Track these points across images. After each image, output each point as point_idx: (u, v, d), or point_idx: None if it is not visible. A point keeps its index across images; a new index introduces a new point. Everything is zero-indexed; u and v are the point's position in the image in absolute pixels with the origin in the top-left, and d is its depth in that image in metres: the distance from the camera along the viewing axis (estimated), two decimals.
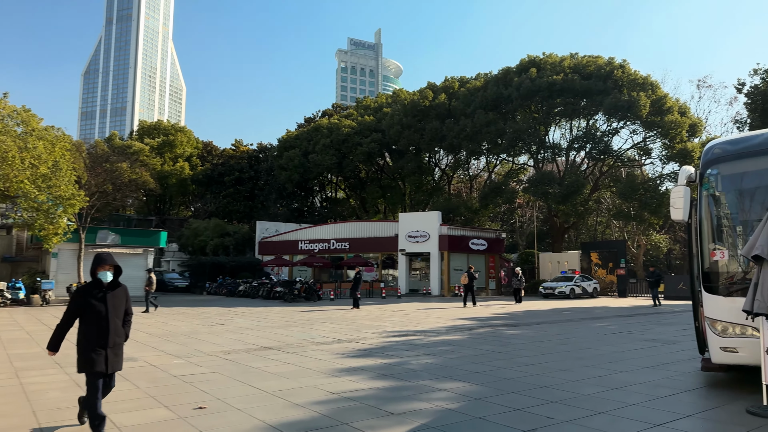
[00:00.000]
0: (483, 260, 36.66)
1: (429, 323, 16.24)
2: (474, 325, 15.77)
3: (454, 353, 10.24)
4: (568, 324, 15.93)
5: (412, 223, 35.11)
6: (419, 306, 24.37)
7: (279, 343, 11.75)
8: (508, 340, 12.24)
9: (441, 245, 34.14)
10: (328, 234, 38.85)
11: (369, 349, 10.79)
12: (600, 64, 39.84)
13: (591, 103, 38.14)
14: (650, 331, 14.11)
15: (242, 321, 17.27)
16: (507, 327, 15.10)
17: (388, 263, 38.17)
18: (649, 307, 23.62)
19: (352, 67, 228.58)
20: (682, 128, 37.67)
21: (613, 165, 42.42)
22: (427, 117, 43.17)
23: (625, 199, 39.36)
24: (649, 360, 9.43)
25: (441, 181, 50.08)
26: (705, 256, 7.18)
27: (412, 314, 19.59)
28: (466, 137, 40.05)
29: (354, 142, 44.56)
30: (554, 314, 19.68)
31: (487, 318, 18.05)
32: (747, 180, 7.18)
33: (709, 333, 7.08)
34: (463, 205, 43.64)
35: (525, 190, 41.80)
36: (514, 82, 39.65)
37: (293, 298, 27.00)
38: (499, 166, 49.33)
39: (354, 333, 13.64)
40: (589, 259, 38.44)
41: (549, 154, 42.39)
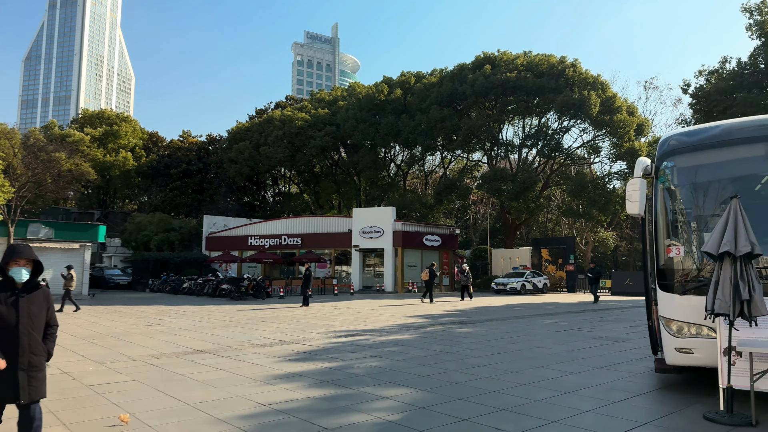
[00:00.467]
0: (437, 256, 36.43)
1: (379, 322, 15.68)
2: (425, 323, 15.31)
3: (401, 355, 9.68)
4: (519, 321, 15.68)
5: (366, 219, 34.50)
6: (371, 303, 23.80)
7: (215, 346, 10.91)
8: (458, 339, 11.80)
9: (395, 241, 33.68)
10: (280, 229, 37.77)
11: (311, 352, 10.11)
12: (552, 63, 40.25)
13: (543, 101, 38.48)
14: (600, 328, 13.98)
15: (180, 321, 16.24)
16: (458, 325, 14.70)
17: (341, 259, 37.44)
18: (599, 303, 23.82)
19: (309, 60, 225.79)
20: (630, 127, 38.48)
21: (563, 163, 43.03)
22: (383, 111, 42.63)
23: (574, 197, 39.95)
24: (601, 359, 9.13)
25: (396, 176, 49.65)
26: (660, 252, 6.85)
27: (362, 312, 18.99)
28: (421, 133, 39.72)
29: (307, 136, 43.52)
30: (505, 311, 19.48)
31: (438, 315, 17.64)
32: (704, 173, 6.89)
33: (663, 333, 6.76)
34: (417, 201, 43.35)
35: (479, 187, 41.87)
36: (468, 79, 39.56)
37: (240, 296, 25.94)
38: (454, 162, 49.38)
39: (298, 333, 12.91)
40: (540, 255, 38.87)
41: (502, 152, 42.61)
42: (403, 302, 24.34)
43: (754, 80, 26.64)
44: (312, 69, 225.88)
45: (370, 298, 27.37)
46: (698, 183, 6.88)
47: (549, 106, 38.68)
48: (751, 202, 6.38)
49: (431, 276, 24.94)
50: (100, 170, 49.67)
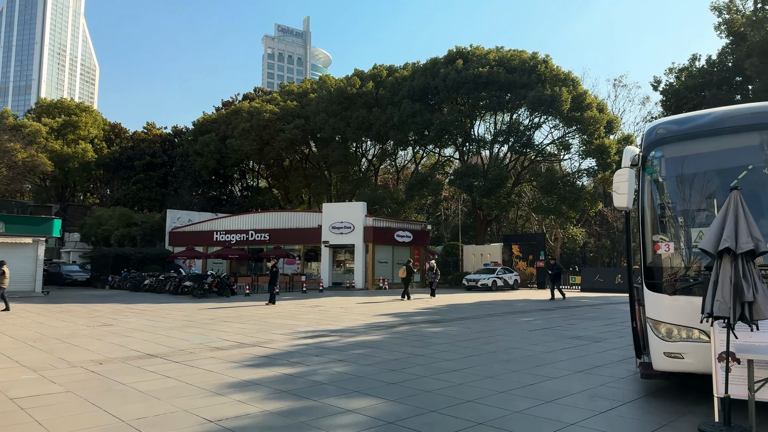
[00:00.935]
0: (408, 252, 35.90)
1: (347, 321, 14.99)
2: (395, 322, 14.69)
3: (369, 358, 9.02)
4: (492, 319, 15.21)
5: (337, 214, 33.73)
6: (340, 301, 23.09)
7: (167, 350, 10.07)
8: (429, 339, 11.21)
9: (366, 237, 33.02)
10: (247, 224, 36.68)
11: (272, 356, 9.36)
12: (524, 58, 40.09)
13: (515, 97, 38.26)
14: (574, 327, 13.60)
15: (136, 320, 15.25)
16: (429, 324, 14.13)
17: (311, 256, 36.59)
18: (568, 300, 23.63)
19: (280, 54, 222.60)
20: (600, 124, 38.62)
21: (534, 159, 43.02)
22: (354, 105, 41.85)
23: (545, 193, 39.96)
24: (580, 362, 8.65)
25: (368, 171, 48.96)
26: (647, 248, 6.35)
27: (331, 310, 18.27)
28: (393, 127, 39.11)
29: (276, 128, 42.44)
30: (477, 308, 19.03)
31: (409, 314, 17.06)
32: (694, 164, 6.41)
33: (650, 336, 6.26)
34: (389, 196, 42.75)
35: (451, 183, 41.52)
36: (440, 73, 39.10)
37: (203, 294, 24.90)
38: (425, 158, 48.92)
39: (260, 335, 12.13)
40: (511, 251, 38.78)
41: (474, 148, 42.33)
42: (374, 299, 23.71)
43: (723, 78, 26.84)
44: (283, 63, 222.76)
45: (339, 296, 26.66)
46: (688, 174, 6.39)
47: (521, 102, 38.50)
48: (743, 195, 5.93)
49: (408, 273, 24.41)
50: (58, 162, 47.67)
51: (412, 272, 24.48)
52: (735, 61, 26.52)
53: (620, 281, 32.60)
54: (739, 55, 25.88)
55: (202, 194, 50.03)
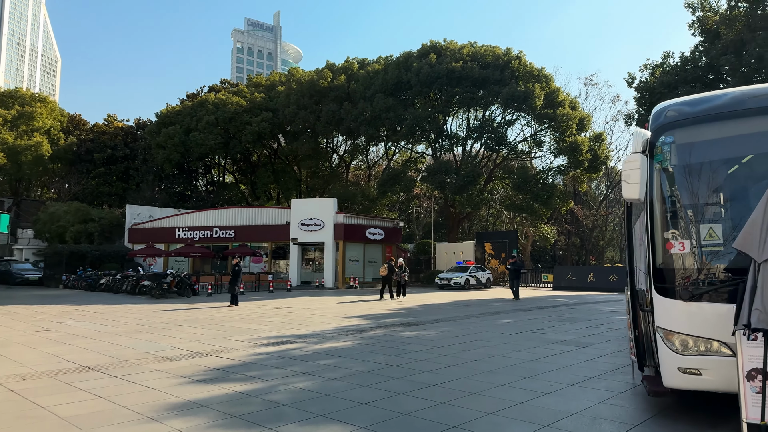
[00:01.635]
0: (380, 250, 34.99)
1: (316, 324, 13.95)
2: (366, 325, 13.72)
3: (338, 370, 8.03)
4: (469, 322, 14.38)
5: (306, 211, 32.56)
6: (309, 301, 22.00)
7: (108, 360, 8.88)
8: (404, 346, 10.27)
9: (336, 234, 31.95)
10: (211, 221, 35.17)
11: (227, 368, 8.28)
12: (498, 54, 39.59)
13: (488, 94, 37.66)
14: (555, 329, 12.86)
15: (82, 325, 13.90)
16: (403, 327, 13.20)
17: (279, 253, 35.29)
18: (546, 299, 23.05)
19: (249, 48, 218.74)
20: (573, 122, 38.37)
21: (507, 156, 42.61)
22: (325, 98, 40.67)
23: (518, 191, 39.56)
24: (570, 373, 7.83)
25: (338, 167, 47.83)
26: (657, 247, 5.52)
27: (298, 312, 17.19)
28: (364, 121, 38.07)
29: (243, 121, 40.94)
30: (452, 309, 18.22)
31: (381, 315, 16.11)
32: (711, 150, 5.60)
33: (661, 348, 5.44)
34: (360, 193, 41.77)
35: (423, 179, 40.73)
36: (414, 67, 38.25)
37: (162, 294, 23.46)
38: (398, 154, 48.03)
39: (217, 341, 11.01)
40: (483, 249, 38.25)
41: (447, 144, 41.64)
42: (344, 299, 22.70)
43: (697, 75, 26.66)
44: (252, 57, 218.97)
45: (308, 295, 25.55)
46: (704, 163, 5.58)
47: (494, 98, 37.93)
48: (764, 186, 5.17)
49: (389, 272, 23.50)
50: (11, 155, 45.11)
51: (393, 271, 23.64)
52: (709, 59, 26.35)
53: (592, 279, 32.38)
54: (713, 53, 25.71)
55: (165, 189, 48.08)
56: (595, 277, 32.57)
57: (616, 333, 12.10)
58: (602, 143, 40.54)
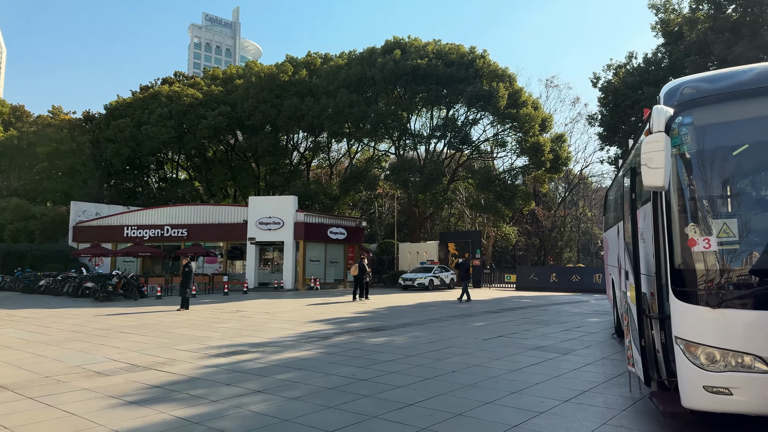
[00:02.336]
0: (342, 250, 33.92)
1: (273, 330, 12.82)
2: (330, 330, 12.68)
3: (299, 387, 6.99)
4: (438, 325, 13.54)
5: (265, 209, 31.16)
6: (267, 304, 20.76)
7: (29, 376, 7.57)
8: (373, 355, 9.30)
9: (297, 233, 30.68)
10: (163, 219, 33.29)
11: (169, 385, 7.12)
12: (462, 53, 39.15)
13: (453, 92, 37.13)
14: (531, 333, 12.15)
15: (10, 332, 12.35)
16: (370, 333, 12.23)
17: (235, 254, 33.69)
18: (512, 300, 22.51)
19: (207, 44, 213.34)
20: (536, 122, 38.30)
21: (470, 156, 42.25)
22: (286, 93, 39.31)
23: (481, 191, 39.23)
24: (560, 386, 7.04)
25: (299, 165, 46.41)
26: (677, 245, 4.75)
27: (254, 317, 15.97)
28: (327, 117, 36.90)
29: (198, 115, 39.10)
30: (420, 312, 17.36)
31: (346, 319, 15.09)
32: (737, 132, 4.87)
33: (681, 363, 4.66)
34: (322, 191, 40.53)
35: (387, 178, 39.89)
36: (378, 63, 37.37)
37: (107, 296, 21.75)
38: (360, 152, 46.95)
39: (161, 351, 9.77)
40: (447, 249, 37.70)
41: (411, 142, 40.93)
42: (305, 302, 21.56)
43: (660, 76, 26.72)
44: (210, 53, 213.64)
45: (266, 298, 24.26)
46: (729, 147, 4.85)
47: (458, 96, 37.42)
48: None
49: (361, 272, 22.56)
50: None
51: (365, 271, 22.72)
52: (672, 60, 26.45)
53: (555, 280, 32.25)
54: (676, 54, 25.80)
55: (115, 186, 45.60)
56: (558, 277, 32.45)
57: (594, 337, 11.48)
58: (563, 144, 40.67)
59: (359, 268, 22.58)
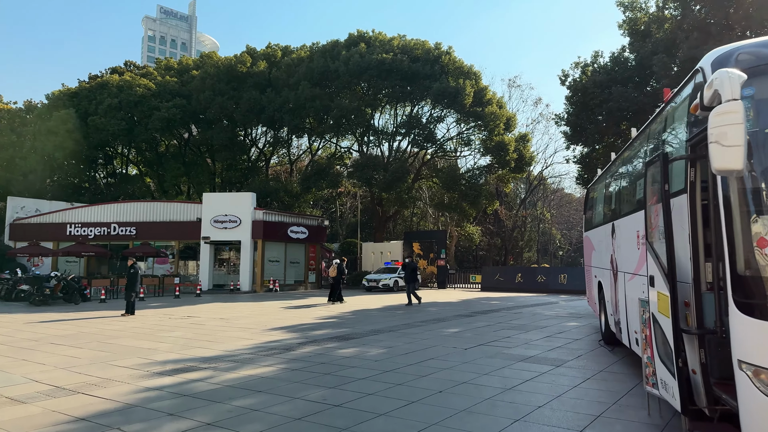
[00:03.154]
0: (303, 250, 32.51)
1: (229, 340, 11.48)
2: (293, 340, 11.44)
3: (258, 418, 5.77)
4: (412, 332, 12.49)
5: (220, 206, 29.45)
6: (222, 309, 19.27)
7: None
8: (344, 371, 8.15)
9: (255, 232, 29.12)
10: (109, 216, 31.09)
11: (97, 416, 5.77)
12: (428, 48, 38.36)
13: (418, 88, 36.25)
14: (512, 340, 11.24)
15: None
16: (338, 342, 11.06)
17: (188, 254, 31.81)
18: (482, 302, 21.71)
19: (162, 37, 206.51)
20: (501, 121, 37.89)
21: (435, 154, 41.54)
22: (245, 85, 37.58)
23: (447, 189, 38.54)
24: (567, 408, 6.06)
25: (258, 161, 44.61)
26: (739, 245, 3.81)
27: (207, 324, 14.54)
28: (288, 111, 35.39)
29: (150, 106, 36.90)
30: (388, 316, 16.28)
31: (310, 326, 13.85)
32: None
33: (747, 392, 3.72)
34: (282, 188, 38.95)
35: (350, 175, 38.67)
36: (342, 56, 36.12)
37: (44, 300, 19.76)
38: (322, 149, 45.49)
39: (95, 369, 8.33)
40: (411, 249, 36.79)
41: (375, 139, 39.86)
42: (263, 306, 20.15)
43: (628, 75, 26.54)
44: (165, 47, 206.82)
45: (221, 301, 22.70)
46: None
47: (424, 93, 36.58)
48: None
49: (339, 273, 21.41)
50: None
51: (343, 272, 21.70)
52: (639, 59, 26.27)
53: (520, 280, 31.81)
54: (643, 53, 25.62)
55: (58, 181, 42.69)
56: (523, 278, 32.02)
57: (580, 345, 10.65)
58: (527, 144, 40.45)
59: (338, 269, 21.44)
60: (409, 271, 20.36)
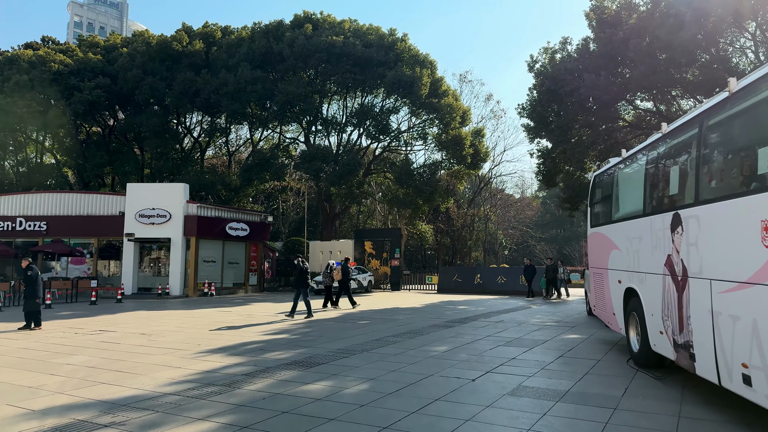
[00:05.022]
0: (243, 249, 29.25)
1: (148, 369, 8.49)
2: (238, 368, 8.57)
3: None
4: (390, 352, 9.92)
5: (147, 198, 25.79)
6: (145, 319, 15.97)
7: None
8: (321, 427, 5.45)
9: (188, 229, 25.67)
10: (15, 209, 26.69)
11: None
12: (381, 34, 35.98)
13: (371, 76, 33.69)
14: (521, 363, 8.90)
15: None
16: (299, 371, 8.31)
17: (109, 252, 27.85)
18: (447, 307, 19.41)
19: (90, 24, 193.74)
20: (457, 114, 36.02)
21: (388, 147, 39.16)
22: (179, 65, 33.84)
23: (401, 185, 36.23)
24: None
25: (192, 152, 40.64)
26: None
27: (123, 341, 11.37)
28: (226, 94, 31.93)
29: (69, 85, 32.45)
30: (350, 327, 13.63)
31: (258, 345, 10.98)
32: None
33: None
34: (219, 181, 35.37)
35: (297, 167, 35.62)
36: (287, 37, 33.09)
37: None
38: (264, 141, 42.00)
39: None
40: (363, 248, 34.24)
41: (323, 130, 36.96)
42: (197, 316, 16.97)
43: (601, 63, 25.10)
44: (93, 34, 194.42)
45: (146, 308, 19.28)
46: None
47: (378, 81, 34.08)
48: None
49: (344, 275, 19.03)
50: None
51: (348, 273, 19.24)
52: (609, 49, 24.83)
53: (480, 281, 29.97)
54: (615, 41, 24.21)
55: None
56: (483, 278, 30.18)
57: (609, 368, 8.43)
58: (483, 139, 38.79)
59: (342, 271, 19.00)
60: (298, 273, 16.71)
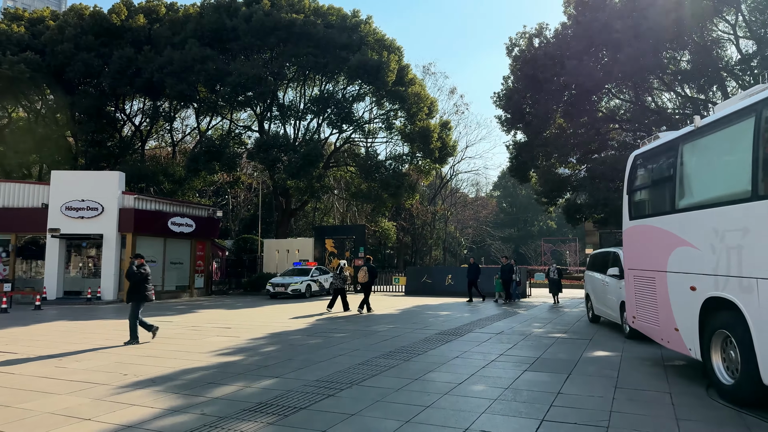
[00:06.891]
0: (188, 247, 25.97)
1: (37, 421, 5.58)
2: (175, 416, 5.79)
3: None
4: (390, 387, 7.38)
5: (76, 188, 22.22)
6: (63, 332, 12.78)
7: None
8: None
9: (123, 224, 22.26)
10: None
11: None
12: (344, 15, 33.37)
13: (334, 60, 30.97)
14: (577, 403, 6.52)
15: None
16: (264, 421, 5.62)
17: (31, 251, 24.01)
18: (428, 314, 17.00)
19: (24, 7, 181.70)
20: (425, 104, 33.86)
21: (349, 138, 36.56)
22: (118, 40, 30.18)
23: (365, 178, 33.70)
24: None
25: (132, 140, 36.72)
26: None
27: (18, 373, 8.32)
28: (172, 73, 28.48)
29: None
30: (323, 343, 10.97)
31: (205, 374, 8.18)
32: None
33: None
34: (161, 172, 31.80)
35: (251, 156, 32.42)
36: (242, 12, 29.96)
37: None
38: (213, 129, 38.44)
39: None
40: (324, 247, 31.47)
41: (280, 116, 33.94)
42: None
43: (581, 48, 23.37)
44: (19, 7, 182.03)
45: (69, 317, 15.96)
46: None
47: (341, 65, 31.37)
48: None
49: (371, 276, 17.25)
50: None
51: (375, 274, 17.66)
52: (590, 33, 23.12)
53: (451, 282, 27.86)
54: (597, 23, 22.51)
55: None
56: (454, 279, 28.05)
57: (689, 411, 6.16)
58: (450, 132, 36.78)
59: (368, 271, 17.20)
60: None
